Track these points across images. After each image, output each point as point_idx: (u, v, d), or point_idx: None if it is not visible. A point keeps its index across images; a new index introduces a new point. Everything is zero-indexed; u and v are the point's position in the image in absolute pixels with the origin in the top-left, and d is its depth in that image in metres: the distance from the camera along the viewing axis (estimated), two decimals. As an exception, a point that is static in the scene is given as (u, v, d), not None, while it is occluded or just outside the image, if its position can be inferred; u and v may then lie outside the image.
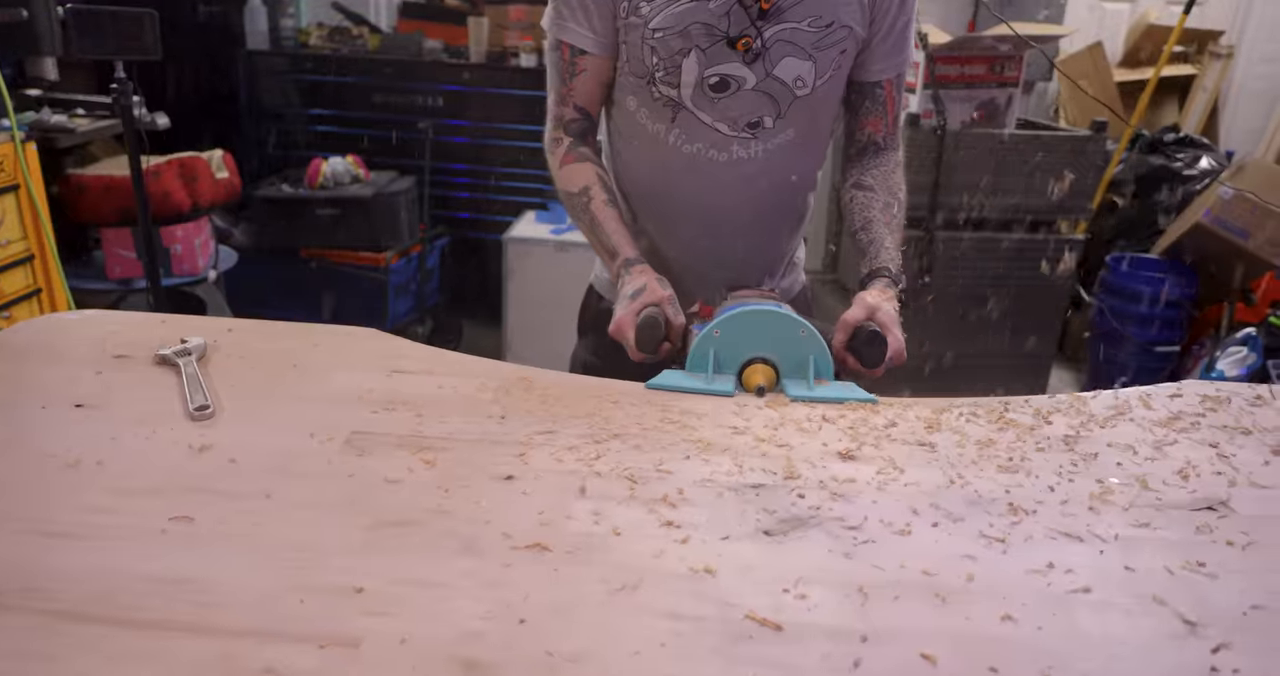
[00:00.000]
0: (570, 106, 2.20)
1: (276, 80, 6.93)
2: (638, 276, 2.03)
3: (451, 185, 6.92)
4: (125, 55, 3.64)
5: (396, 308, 6.26)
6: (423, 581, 1.12)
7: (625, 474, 1.40)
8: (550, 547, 1.20)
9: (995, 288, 5.11)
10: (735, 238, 2.28)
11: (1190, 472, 1.49)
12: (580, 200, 2.16)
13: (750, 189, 2.21)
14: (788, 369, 1.84)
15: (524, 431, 1.54)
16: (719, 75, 2.08)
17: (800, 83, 2.11)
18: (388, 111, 6.84)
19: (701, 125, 2.14)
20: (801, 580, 1.15)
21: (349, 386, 1.69)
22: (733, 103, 2.11)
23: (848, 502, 1.35)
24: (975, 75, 5.02)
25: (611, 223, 2.13)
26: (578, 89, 2.17)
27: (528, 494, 1.33)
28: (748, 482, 1.39)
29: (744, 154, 2.17)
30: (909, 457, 1.50)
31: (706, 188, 2.21)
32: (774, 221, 2.32)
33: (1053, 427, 1.64)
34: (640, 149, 2.23)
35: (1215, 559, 1.24)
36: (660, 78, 2.09)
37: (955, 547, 1.24)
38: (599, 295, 2.49)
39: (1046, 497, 1.39)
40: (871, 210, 2.21)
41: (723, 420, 1.63)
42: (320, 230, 6.01)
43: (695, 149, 2.17)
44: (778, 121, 2.15)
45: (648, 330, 1.89)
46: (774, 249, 2.38)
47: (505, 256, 5.83)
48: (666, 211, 2.28)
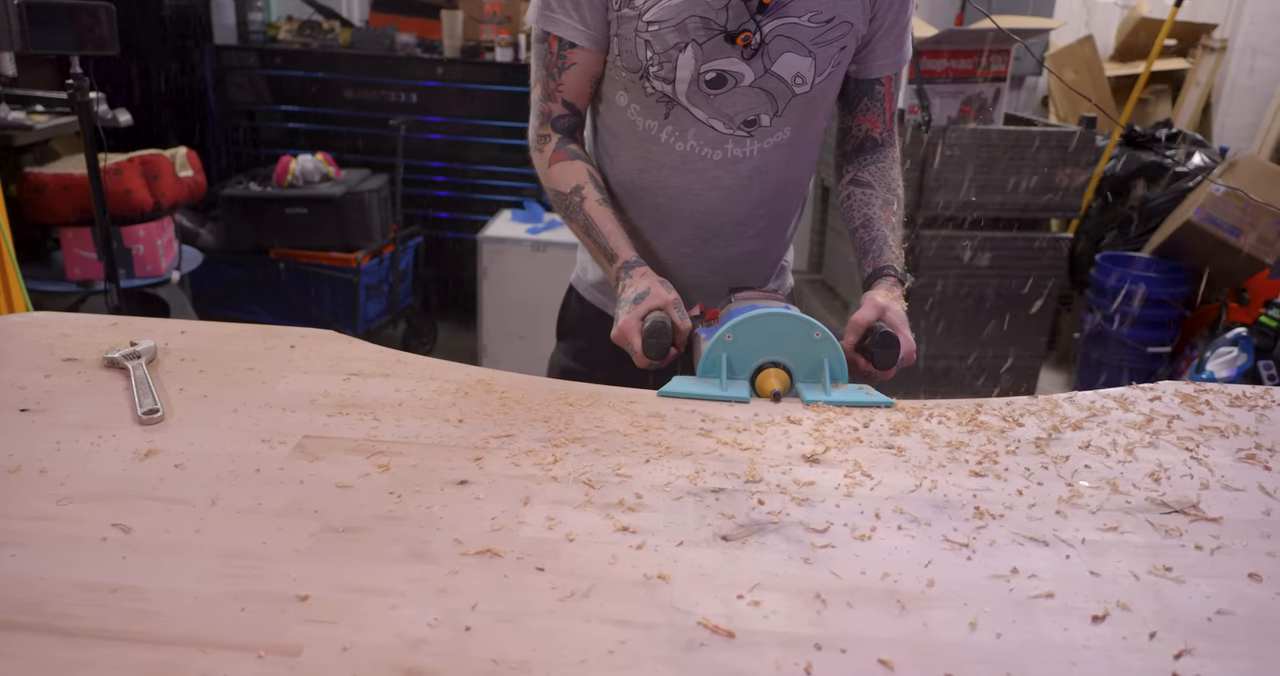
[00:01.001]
0: (558, 102, 2.17)
1: (245, 76, 6.93)
2: (639, 279, 2.02)
3: (425, 183, 6.93)
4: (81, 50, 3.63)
5: (368, 309, 6.26)
6: (368, 588, 1.12)
7: (583, 478, 1.40)
8: (501, 554, 1.20)
9: (982, 288, 5.12)
10: (727, 239, 2.27)
11: (1162, 475, 1.49)
12: (572, 200, 2.14)
13: (744, 189, 2.20)
14: (802, 373, 1.84)
15: (481, 435, 1.54)
16: (716, 71, 2.06)
17: (799, 80, 2.10)
18: (359, 107, 6.85)
19: (696, 122, 2.12)
20: (757, 586, 1.15)
21: (303, 390, 1.69)
22: (729, 99, 2.09)
23: (810, 507, 1.35)
24: (961, 70, 5.04)
25: (608, 223, 2.11)
26: (566, 84, 2.15)
27: (481, 499, 1.34)
28: (708, 487, 1.40)
29: (739, 153, 2.16)
30: (876, 461, 1.51)
31: (699, 187, 2.19)
32: (767, 222, 2.30)
33: (1024, 430, 1.65)
34: (629, 146, 2.20)
35: (1183, 563, 1.25)
36: (654, 72, 2.07)
37: (918, 553, 1.25)
38: (580, 297, 2.47)
39: (1014, 501, 1.39)
40: (871, 207, 2.21)
41: (686, 422, 1.63)
42: (289, 230, 6.01)
43: (688, 147, 2.15)
44: (775, 120, 2.14)
45: (655, 336, 1.88)
46: (767, 251, 2.36)
47: (480, 256, 5.83)
48: (656, 212, 2.25)
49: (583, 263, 2.47)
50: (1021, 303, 5.20)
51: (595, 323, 2.40)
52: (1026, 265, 5.14)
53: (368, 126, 6.77)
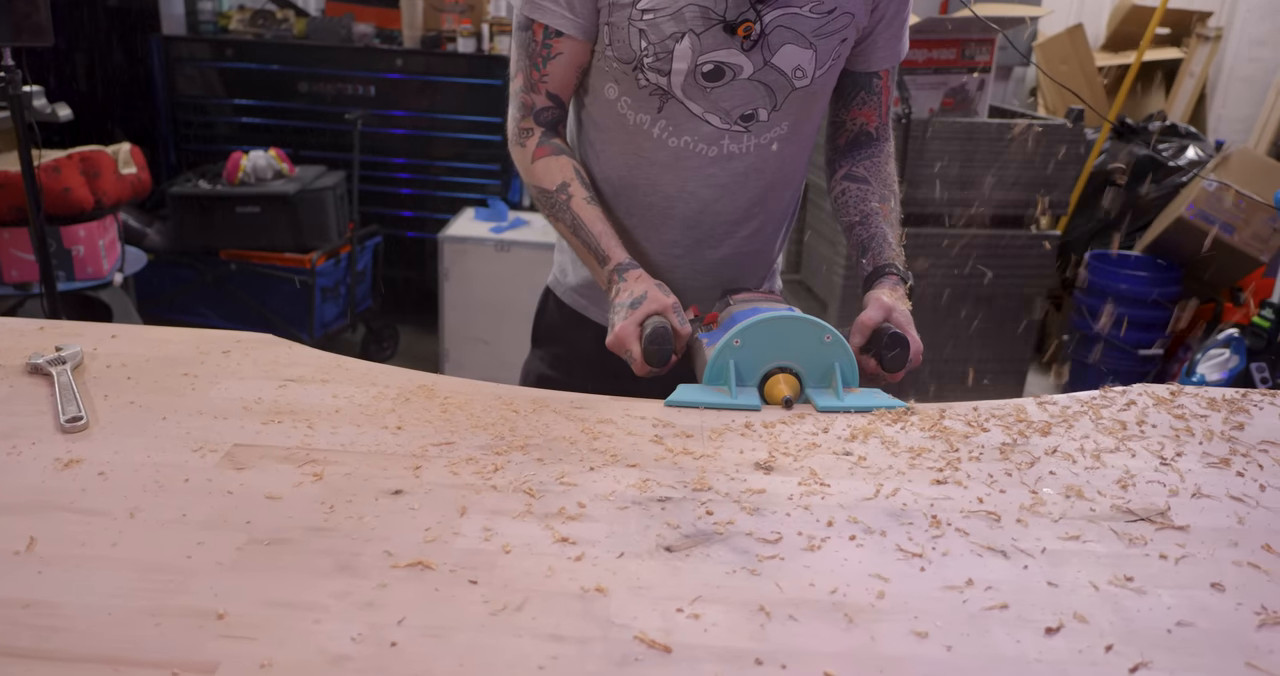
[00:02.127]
0: (541, 93, 2.13)
1: (194, 68, 6.92)
2: (635, 283, 2.00)
3: (385, 180, 6.93)
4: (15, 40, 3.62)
5: (324, 313, 6.26)
6: (291, 603, 1.12)
7: (523, 487, 1.41)
8: (433, 566, 1.20)
9: (965, 288, 5.13)
10: (720, 240, 2.25)
11: (1129, 482, 1.50)
12: (558, 198, 2.11)
13: (739, 187, 2.18)
14: (812, 378, 1.85)
15: (420, 443, 1.54)
16: (714, 63, 2.03)
17: (800, 73, 2.08)
18: (315, 101, 6.84)
19: (691, 117, 2.09)
20: (699, 599, 1.16)
21: (236, 396, 1.70)
22: (726, 93, 2.07)
23: (760, 517, 1.36)
24: (944, 60, 5.04)
25: (597, 223, 2.09)
26: (551, 74, 2.11)
27: (415, 509, 1.34)
28: (654, 496, 1.40)
29: (735, 149, 2.14)
30: (832, 468, 1.52)
31: (692, 185, 2.17)
32: (761, 222, 2.28)
33: (989, 435, 1.66)
34: (618, 142, 2.18)
35: (1145, 573, 1.26)
36: (649, 64, 2.03)
37: (869, 563, 1.26)
38: (559, 300, 2.45)
39: (974, 509, 1.40)
40: (868, 203, 2.21)
41: (636, 429, 1.64)
42: (240, 230, 5.99)
43: (682, 142, 2.12)
44: (773, 114, 2.12)
45: (657, 342, 1.87)
46: (760, 252, 2.34)
47: (441, 257, 5.82)
48: (646, 211, 2.22)
49: (562, 264, 2.45)
50: (1007, 303, 5.21)
51: (575, 328, 2.40)
52: (1012, 264, 5.14)
53: (324, 121, 6.76)
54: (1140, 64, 6.52)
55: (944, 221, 5.03)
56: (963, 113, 5.12)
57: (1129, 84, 6.43)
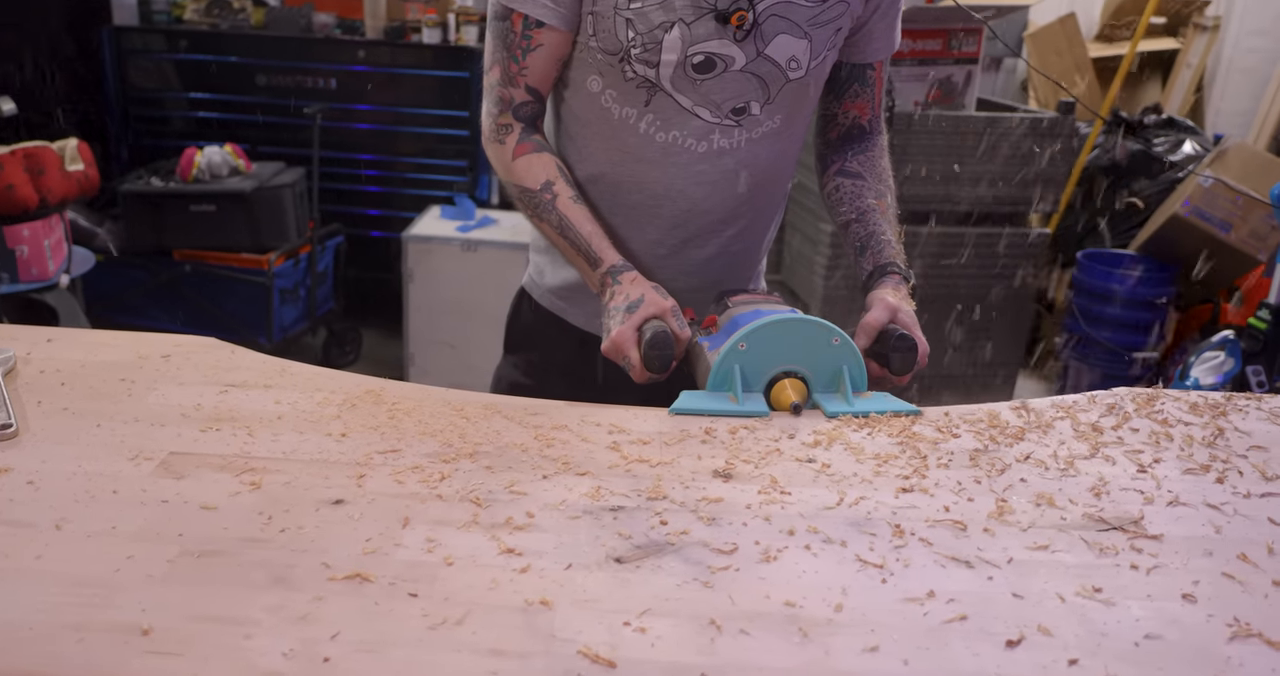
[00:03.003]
0: (521, 87, 2.10)
1: (147, 60, 6.90)
2: (630, 285, 2.00)
3: (347, 177, 6.92)
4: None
5: (283, 316, 6.25)
6: (222, 617, 1.13)
7: (470, 496, 1.41)
8: (371, 578, 1.21)
9: (953, 288, 5.14)
10: (707, 239, 2.24)
11: (1103, 490, 1.51)
12: (542, 197, 2.09)
13: (729, 183, 2.17)
14: (820, 382, 1.86)
15: (364, 450, 1.55)
16: (704, 54, 2.01)
17: (794, 64, 2.08)
18: (273, 94, 6.83)
19: (680, 111, 2.08)
20: (648, 612, 1.17)
21: (175, 403, 1.70)
22: (717, 85, 2.05)
23: (716, 527, 1.37)
24: (930, 50, 5.05)
25: (586, 224, 2.07)
26: (531, 67, 2.08)
27: (356, 520, 1.34)
28: (606, 505, 1.41)
29: (725, 144, 2.13)
30: (794, 476, 1.53)
31: (681, 182, 2.15)
32: (750, 220, 2.27)
33: (960, 441, 1.67)
34: (602, 137, 2.16)
35: (1114, 584, 1.27)
36: (636, 55, 2.02)
37: (828, 575, 1.26)
38: (534, 303, 2.43)
39: (939, 518, 1.41)
40: (863, 199, 2.21)
41: (592, 436, 1.65)
42: (195, 229, 5.98)
43: (670, 137, 2.11)
44: (765, 107, 2.11)
45: (658, 348, 1.87)
46: (748, 252, 2.33)
47: (405, 256, 5.82)
48: (631, 210, 2.20)
49: (539, 265, 2.42)
50: (996, 304, 5.22)
51: (552, 332, 2.39)
52: (1002, 263, 5.15)
53: (282, 115, 6.73)
54: (1135, 54, 6.53)
55: (929, 219, 5.04)
56: (949, 106, 5.13)
57: (1122, 75, 6.44)
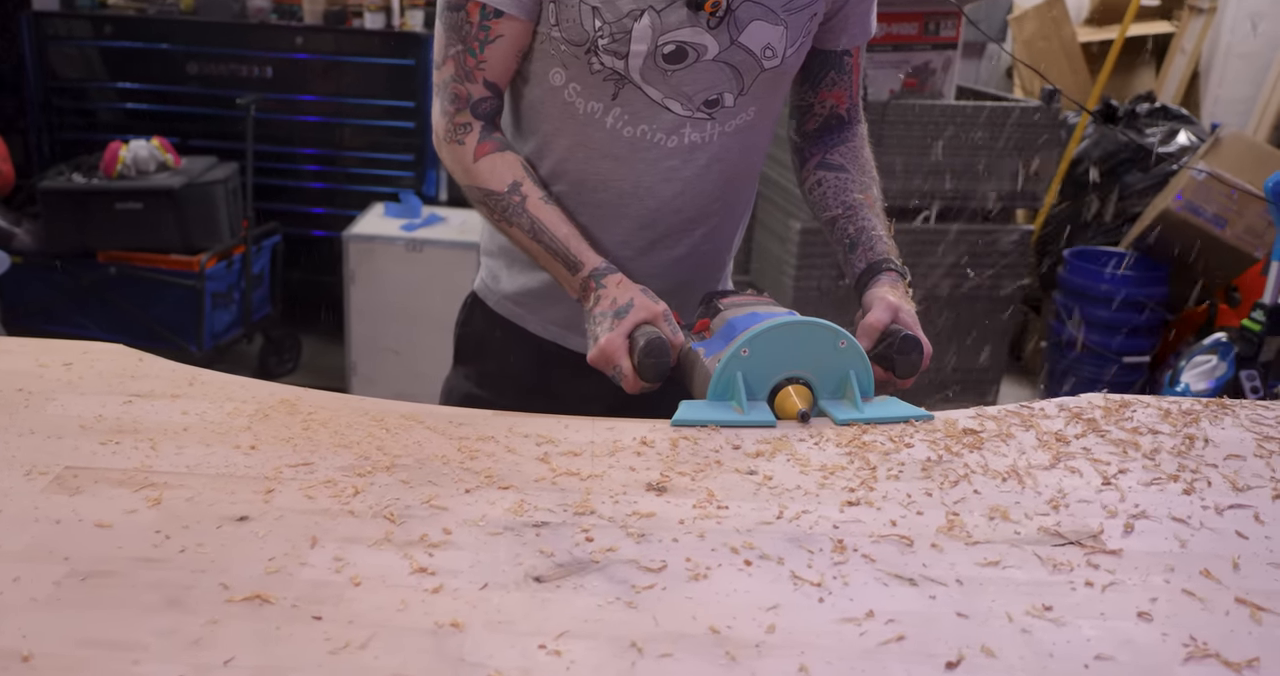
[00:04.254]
0: (479, 82, 2.08)
1: (71, 48, 6.88)
2: (617, 289, 2.00)
3: (284, 172, 6.91)
4: None
5: (216, 321, 6.23)
6: (109, 642, 1.12)
7: (385, 512, 1.41)
8: (272, 600, 1.21)
9: (932, 289, 5.15)
10: (676, 239, 2.24)
11: (1062, 502, 1.52)
12: (510, 200, 2.07)
13: (701, 180, 2.17)
14: (825, 388, 1.86)
15: (275, 464, 1.55)
16: (676, 43, 2.00)
17: (769, 52, 2.07)
18: (205, 84, 6.82)
19: (649, 104, 2.07)
20: (565, 634, 1.17)
21: (74, 413, 1.69)
22: (689, 76, 2.05)
23: (646, 543, 1.37)
24: (905, 35, 5.07)
25: (561, 225, 2.06)
26: (490, 60, 2.06)
27: (261, 537, 1.34)
28: (529, 521, 1.41)
29: (697, 138, 2.12)
30: (733, 489, 1.53)
31: (650, 179, 2.15)
32: (722, 219, 2.27)
33: (912, 451, 1.68)
34: (565, 133, 2.14)
35: (1067, 602, 1.27)
36: (604, 46, 2.00)
37: (761, 594, 1.27)
38: (488, 310, 2.41)
39: (885, 533, 1.42)
40: (849, 193, 2.22)
41: (520, 446, 1.65)
42: (119, 228, 5.96)
43: (638, 132, 2.10)
44: (739, 99, 2.11)
45: (654, 355, 1.87)
46: (717, 251, 2.34)
47: (346, 257, 5.83)
48: (596, 209, 2.19)
49: (492, 268, 2.40)
50: (978, 306, 5.23)
51: (508, 340, 2.37)
52: (985, 262, 5.17)
53: (215, 106, 6.72)
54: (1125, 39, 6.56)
55: (905, 215, 5.05)
56: (926, 94, 5.14)
57: (1112, 61, 6.47)
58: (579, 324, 2.21)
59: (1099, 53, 7.59)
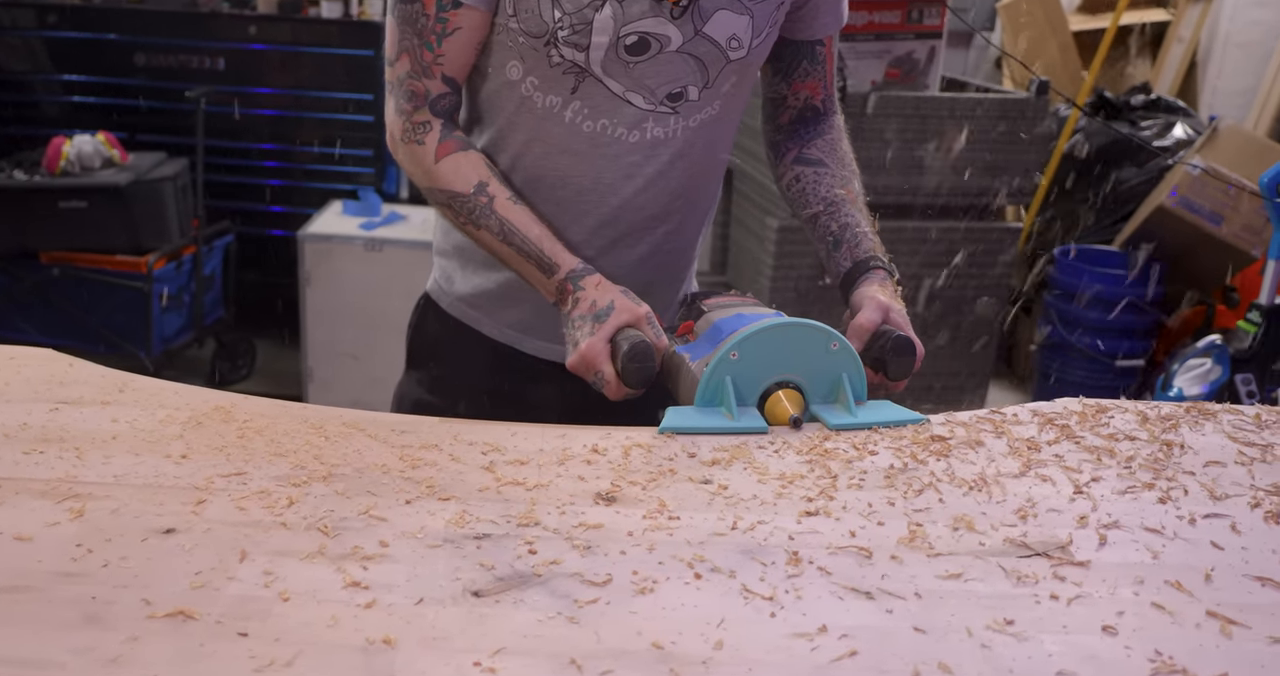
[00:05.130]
0: (437, 78, 2.07)
1: (13, 37, 6.86)
2: (596, 291, 2.00)
3: (238, 169, 6.90)
4: None
5: (165, 325, 6.22)
6: (22, 661, 1.12)
7: (319, 524, 1.41)
8: (196, 616, 1.20)
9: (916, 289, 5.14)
10: (639, 238, 2.24)
11: (1030, 512, 1.53)
12: (477, 202, 2.06)
13: (664, 176, 2.17)
14: (817, 392, 1.87)
15: (206, 474, 1.55)
16: (638, 33, 2.00)
17: (735, 43, 2.07)
18: (154, 76, 6.80)
19: (610, 97, 2.07)
20: (502, 651, 1.17)
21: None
22: (651, 68, 2.05)
23: (591, 556, 1.37)
24: (888, 23, 5.06)
25: (533, 226, 2.05)
26: (448, 54, 2.04)
27: (188, 550, 1.34)
28: (470, 533, 1.41)
29: (660, 133, 2.12)
30: (687, 499, 1.54)
31: (610, 176, 2.14)
32: (685, 217, 2.27)
33: (877, 459, 1.68)
34: (522, 128, 2.13)
35: (1029, 616, 1.28)
36: (564, 38, 1.99)
37: (709, 608, 1.27)
38: (442, 312, 2.41)
39: (843, 544, 1.42)
40: (829, 188, 2.22)
41: (464, 455, 1.66)
42: (63, 228, 5.94)
43: (599, 127, 2.10)
44: (704, 92, 2.11)
45: (639, 360, 1.87)
46: (682, 250, 2.34)
47: (302, 258, 5.82)
48: (555, 207, 2.17)
49: (446, 269, 2.40)
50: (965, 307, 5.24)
51: (463, 344, 2.36)
52: (971, 262, 5.17)
53: (164, 99, 6.70)
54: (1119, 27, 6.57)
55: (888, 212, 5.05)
56: (910, 85, 5.14)
57: (1104, 52, 6.48)
58: (537, 326, 2.22)
59: (1092, 42, 7.59)
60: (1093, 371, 6.00)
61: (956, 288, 5.18)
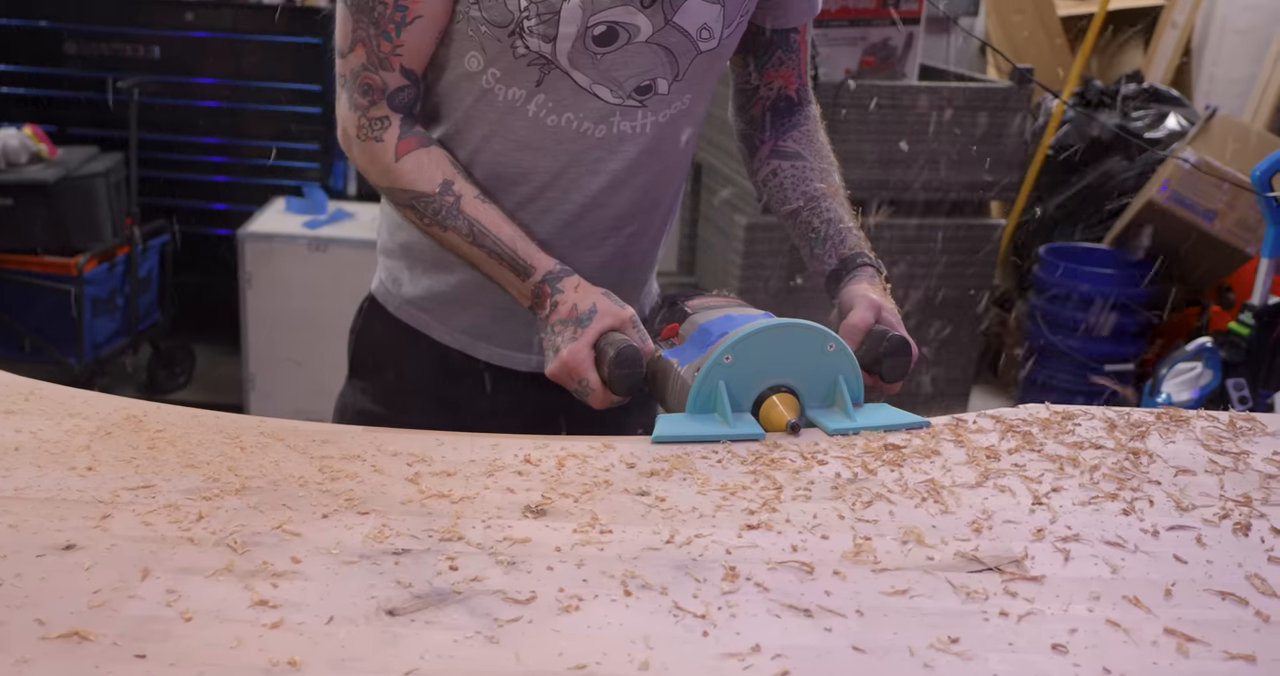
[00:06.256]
0: (395, 70, 2.04)
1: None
2: (576, 293, 2.00)
3: (174, 164, 6.87)
4: None
5: (97, 330, 6.20)
6: (-97, 687, 1.13)
7: (229, 540, 1.41)
8: (92, 637, 1.20)
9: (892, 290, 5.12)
10: (602, 238, 2.23)
11: (984, 524, 1.53)
12: (443, 201, 2.05)
13: (630, 174, 2.17)
14: (812, 395, 1.87)
15: (112, 487, 1.54)
16: (607, 23, 2.00)
17: (706, 33, 2.07)
18: (85, 66, 6.77)
19: (576, 90, 2.07)
20: (414, 672, 1.17)
21: (-111, 433, 1.69)
22: (619, 60, 2.05)
23: (516, 572, 1.37)
24: (862, 9, 5.06)
25: (505, 226, 2.05)
26: (408, 44, 2.02)
27: (88, 568, 1.34)
28: (389, 548, 1.41)
29: (627, 128, 2.12)
30: (621, 511, 1.54)
31: (575, 173, 2.14)
32: (650, 217, 2.28)
33: (825, 468, 1.69)
34: (482, 123, 2.12)
35: (977, 634, 1.29)
36: (530, 27, 1.98)
37: (637, 627, 1.27)
38: (389, 315, 2.38)
39: (784, 559, 1.43)
40: (810, 184, 2.23)
41: (387, 466, 1.66)
42: (-13, 227, 5.93)
43: (563, 121, 2.09)
44: (674, 85, 2.11)
45: (627, 366, 1.87)
46: (646, 251, 2.35)
47: (242, 258, 5.82)
48: (513, 205, 2.15)
49: (392, 270, 2.37)
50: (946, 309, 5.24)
51: (412, 351, 2.34)
52: (952, 261, 5.17)
53: (96, 90, 6.67)
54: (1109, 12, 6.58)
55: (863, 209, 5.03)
56: (886, 74, 5.14)
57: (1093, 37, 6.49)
58: (492, 332, 2.22)
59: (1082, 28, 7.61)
60: (1079, 378, 6.01)
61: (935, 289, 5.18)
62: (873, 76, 5.12)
